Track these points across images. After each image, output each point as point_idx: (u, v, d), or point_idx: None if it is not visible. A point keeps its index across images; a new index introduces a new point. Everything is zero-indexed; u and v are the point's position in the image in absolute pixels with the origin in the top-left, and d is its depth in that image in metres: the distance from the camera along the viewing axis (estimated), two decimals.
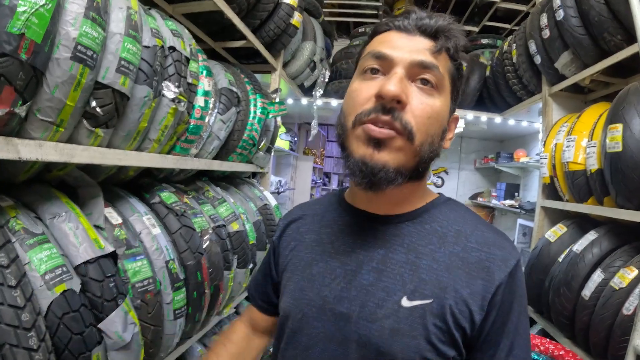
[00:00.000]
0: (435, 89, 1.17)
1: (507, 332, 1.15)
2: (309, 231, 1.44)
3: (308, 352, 1.25)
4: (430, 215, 1.29)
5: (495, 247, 1.20)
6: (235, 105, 2.77)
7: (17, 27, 1.16)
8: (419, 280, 1.16)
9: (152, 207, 2.14)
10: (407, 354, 1.11)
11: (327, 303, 1.24)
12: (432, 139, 1.17)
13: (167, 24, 2.07)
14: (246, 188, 3.58)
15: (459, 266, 1.17)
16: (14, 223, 1.40)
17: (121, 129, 1.76)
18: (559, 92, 4.03)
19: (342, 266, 1.26)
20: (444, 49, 1.19)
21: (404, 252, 1.22)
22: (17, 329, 1.22)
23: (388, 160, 1.12)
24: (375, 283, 1.19)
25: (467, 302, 1.12)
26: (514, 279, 1.16)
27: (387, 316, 1.14)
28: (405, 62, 1.15)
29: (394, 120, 1.10)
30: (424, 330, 1.11)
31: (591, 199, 3.13)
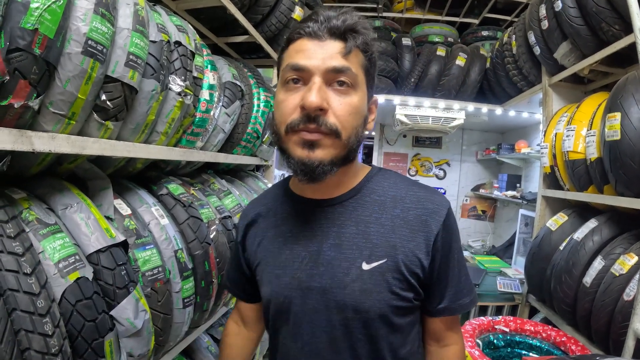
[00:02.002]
0: (352, 87, 1.33)
1: (452, 266, 1.46)
2: (269, 225, 1.61)
3: (299, 326, 1.47)
4: (367, 188, 1.51)
5: (427, 202, 1.45)
6: (239, 98, 2.79)
7: (30, 23, 1.19)
8: (372, 245, 1.40)
9: (160, 199, 2.18)
10: (377, 306, 1.36)
11: (302, 282, 1.44)
12: (356, 130, 1.35)
13: (171, 20, 2.10)
14: (250, 181, 3.60)
15: (402, 225, 1.41)
16: (28, 214, 1.43)
17: (130, 122, 1.80)
18: (559, 83, 4.05)
19: (306, 249, 1.47)
20: (353, 48, 1.32)
21: (353, 225, 1.44)
22: (33, 315, 1.25)
23: (322, 156, 1.31)
24: (337, 256, 1.41)
25: (415, 252, 1.38)
26: (447, 225, 1.43)
27: (354, 280, 1.37)
28: (321, 70, 1.29)
29: (320, 126, 1.28)
30: (386, 284, 1.37)
31: (591, 187, 3.15)
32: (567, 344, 3.02)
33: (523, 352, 3.25)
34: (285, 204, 1.60)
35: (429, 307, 1.48)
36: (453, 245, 1.45)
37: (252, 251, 1.63)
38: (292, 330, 1.48)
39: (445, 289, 1.45)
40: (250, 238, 1.65)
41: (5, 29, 1.17)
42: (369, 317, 1.37)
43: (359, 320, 1.38)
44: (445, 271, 1.43)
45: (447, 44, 6.62)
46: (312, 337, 1.44)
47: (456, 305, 1.48)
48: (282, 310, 1.49)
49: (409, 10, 7.54)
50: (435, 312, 1.49)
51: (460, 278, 1.48)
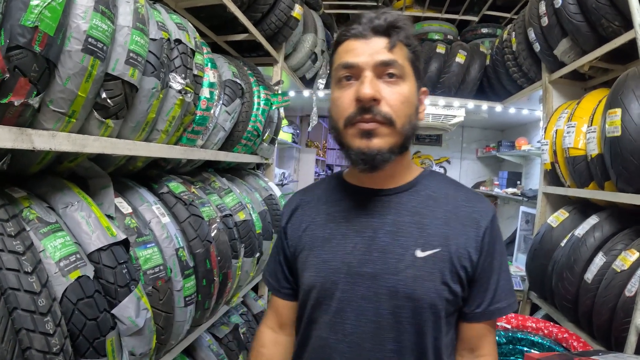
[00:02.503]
0: (401, 78, 1.40)
1: (494, 268, 1.48)
2: (319, 212, 1.63)
3: (341, 314, 1.46)
4: (422, 184, 1.55)
5: (477, 202, 1.53)
6: (239, 96, 2.79)
7: (30, 20, 1.19)
8: (427, 235, 1.43)
9: (161, 197, 2.17)
10: (428, 295, 1.38)
11: (352, 268, 1.45)
12: (409, 119, 1.41)
13: (171, 18, 2.10)
14: (251, 179, 3.60)
15: (454, 219, 1.47)
16: (28, 212, 1.43)
17: (130, 120, 1.79)
18: (559, 79, 4.05)
19: (360, 235, 1.48)
20: (397, 42, 1.40)
21: (409, 215, 1.47)
22: (34, 314, 1.24)
23: (380, 145, 1.37)
24: (391, 243, 1.44)
25: (465, 246, 1.43)
26: (494, 225, 1.49)
27: (408, 267, 1.40)
28: (370, 65, 1.38)
29: (375, 115, 1.35)
30: (438, 273, 1.39)
31: (592, 183, 3.15)
32: (569, 341, 3.02)
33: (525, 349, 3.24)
34: (339, 192, 1.63)
35: (466, 311, 1.49)
36: (497, 246, 1.48)
37: (296, 236, 1.65)
38: (332, 320, 1.48)
39: (486, 290, 1.46)
40: (295, 224, 1.68)
41: (5, 27, 1.16)
42: (419, 306, 1.39)
43: (408, 309, 1.39)
44: (487, 271, 1.46)
45: (447, 41, 6.64)
46: (356, 327, 1.44)
47: (494, 308, 1.47)
48: (326, 296, 1.49)
49: (409, 8, 7.55)
50: (472, 316, 1.49)
51: (500, 281, 1.48)
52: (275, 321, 1.80)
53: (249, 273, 2.93)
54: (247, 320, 3.60)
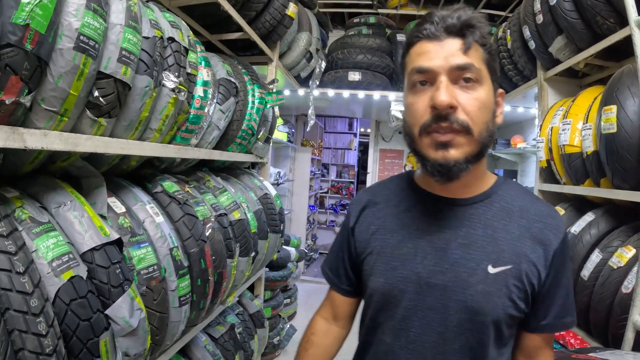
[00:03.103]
0: (477, 82, 1.33)
1: (562, 284, 1.44)
2: (388, 215, 1.60)
3: (407, 322, 1.46)
4: (497, 195, 1.50)
5: (550, 218, 1.46)
6: (233, 95, 2.79)
7: (21, 18, 1.18)
8: (499, 250, 1.40)
9: (155, 197, 2.16)
10: (495, 311, 1.36)
11: (421, 278, 1.43)
12: (486, 125, 1.35)
13: (165, 16, 2.09)
14: (246, 178, 3.60)
15: (526, 236, 1.42)
16: (20, 212, 1.42)
17: (123, 119, 1.79)
18: (554, 77, 4.05)
19: (431, 245, 1.45)
20: (473, 43, 1.32)
21: (482, 228, 1.44)
22: (26, 315, 1.24)
23: (457, 156, 1.32)
24: (464, 256, 1.41)
25: (536, 264, 1.39)
26: (565, 243, 1.45)
27: (478, 282, 1.38)
28: (445, 69, 1.31)
29: (452, 123, 1.29)
30: (507, 290, 1.37)
31: (588, 180, 3.14)
32: (565, 338, 3.02)
33: None
34: (411, 197, 1.59)
35: (530, 322, 1.47)
36: (566, 265, 1.46)
37: (364, 239, 1.62)
38: (397, 326, 1.48)
39: (551, 306, 1.44)
40: (363, 225, 1.65)
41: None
42: (485, 321, 1.38)
43: (472, 323, 1.39)
44: (555, 288, 1.43)
45: None
46: (420, 336, 1.44)
47: (559, 322, 1.46)
48: (392, 303, 1.49)
49: (404, 6, 7.55)
50: (536, 328, 1.48)
51: (568, 297, 1.47)
52: (330, 313, 1.85)
53: (245, 273, 2.92)
54: (243, 320, 3.60)
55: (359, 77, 6.17)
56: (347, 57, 6.24)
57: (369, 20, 7.27)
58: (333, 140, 13.89)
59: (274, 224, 3.52)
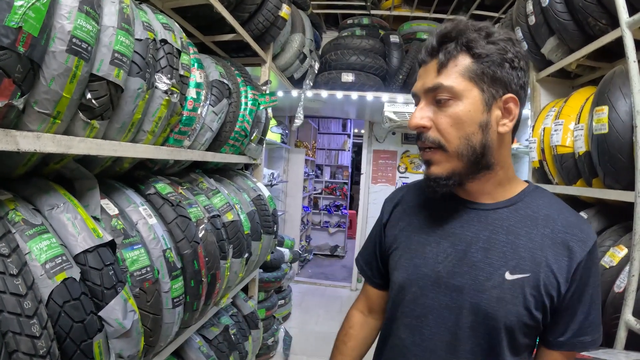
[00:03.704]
0: (452, 99, 1.37)
1: (585, 301, 1.41)
2: (416, 214, 1.67)
3: (422, 319, 1.51)
4: (523, 202, 1.50)
5: (577, 230, 1.42)
6: (226, 97, 2.79)
7: (14, 21, 1.18)
8: (519, 258, 1.41)
9: (148, 198, 2.16)
10: (509, 318, 1.37)
11: (440, 278, 1.48)
12: (467, 139, 1.38)
13: (157, 18, 2.09)
14: (239, 179, 3.60)
15: (549, 245, 1.40)
16: (14, 215, 1.42)
17: (116, 121, 1.78)
18: (546, 78, 4.06)
19: (453, 246, 1.50)
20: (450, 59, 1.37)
21: (504, 233, 1.45)
22: (20, 317, 1.24)
23: (438, 172, 1.43)
24: (483, 260, 1.44)
25: (556, 275, 1.37)
26: (591, 257, 1.40)
27: (494, 287, 1.40)
28: (422, 92, 1.43)
29: (424, 141, 1.42)
30: (523, 298, 1.37)
31: (580, 181, 3.16)
32: None
33: None
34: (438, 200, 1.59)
35: (549, 337, 1.46)
36: (591, 280, 1.42)
37: (393, 234, 1.70)
38: (413, 322, 1.53)
39: (571, 321, 1.42)
40: (394, 220, 1.73)
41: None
42: (497, 327, 1.39)
43: (485, 327, 1.41)
44: (576, 303, 1.41)
45: None
46: (434, 334, 1.48)
47: (576, 341, 1.44)
48: (411, 299, 1.54)
49: (397, 7, 7.56)
50: (553, 344, 1.46)
51: (590, 315, 1.43)
52: (365, 306, 1.94)
53: (238, 274, 2.92)
54: (237, 321, 3.60)
55: (353, 78, 6.18)
56: (340, 58, 6.24)
57: (362, 22, 7.27)
58: (327, 141, 13.89)
59: (268, 225, 3.52)
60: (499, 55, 1.36)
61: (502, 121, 1.42)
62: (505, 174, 1.50)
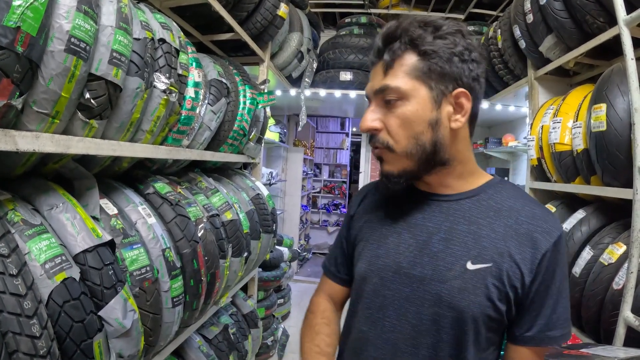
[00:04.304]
0: (400, 99, 1.38)
1: (551, 293, 1.38)
2: (380, 207, 1.66)
3: (384, 311, 1.49)
4: (486, 194, 1.50)
5: (541, 221, 1.41)
6: (225, 96, 2.78)
7: (13, 21, 1.18)
8: (481, 247, 1.39)
9: (147, 198, 2.16)
10: (471, 309, 1.35)
11: (402, 268, 1.47)
12: (415, 139, 1.39)
13: (155, 17, 2.09)
14: (238, 179, 3.60)
15: (512, 236, 1.39)
16: (13, 215, 1.42)
17: (114, 120, 1.78)
18: (545, 76, 4.07)
19: (414, 237, 1.49)
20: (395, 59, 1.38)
21: (466, 224, 1.44)
22: (20, 317, 1.24)
23: (389, 169, 1.45)
24: (444, 250, 1.43)
25: (519, 266, 1.36)
26: (557, 248, 1.38)
27: (456, 277, 1.38)
28: (371, 95, 1.45)
29: (376, 143, 1.44)
30: (485, 289, 1.36)
31: (578, 178, 3.16)
32: None
33: None
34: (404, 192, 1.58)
35: (516, 332, 1.42)
36: (557, 271, 1.39)
37: (359, 226, 1.70)
38: (374, 314, 1.51)
39: (538, 315, 1.38)
40: (360, 213, 1.74)
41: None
42: (459, 318, 1.37)
43: (448, 319, 1.38)
44: (542, 296, 1.38)
45: None
46: (395, 327, 1.46)
47: (544, 336, 1.39)
48: (372, 291, 1.52)
49: (395, 6, 7.55)
50: (520, 339, 1.42)
51: (557, 308, 1.39)
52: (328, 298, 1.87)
53: (237, 273, 2.92)
54: (237, 321, 3.60)
55: (351, 77, 6.18)
56: (338, 57, 6.25)
57: (360, 20, 7.27)
58: (325, 140, 13.88)
59: (267, 224, 3.52)
60: (447, 49, 1.35)
61: (454, 117, 1.40)
62: (464, 168, 1.51)
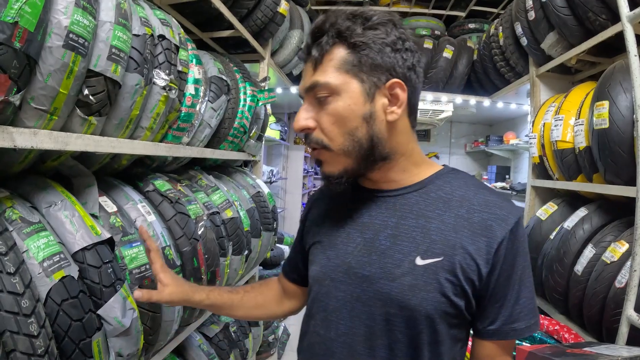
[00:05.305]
0: (331, 95, 1.32)
1: (513, 283, 1.32)
2: (331, 208, 1.63)
3: (337, 313, 1.44)
4: (434, 185, 1.43)
5: (496, 208, 1.35)
6: (225, 93, 2.77)
7: (10, 16, 1.17)
8: (430, 241, 1.33)
9: (146, 195, 2.16)
10: (424, 306, 1.29)
11: (351, 268, 1.42)
12: (351, 135, 1.34)
13: (155, 13, 2.08)
14: (238, 176, 3.59)
15: (465, 226, 1.33)
16: (11, 212, 1.41)
17: (114, 117, 1.77)
18: (546, 73, 4.06)
19: (362, 235, 1.44)
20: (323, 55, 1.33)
21: (414, 218, 1.38)
22: (17, 316, 1.23)
23: (329, 170, 1.41)
24: (391, 247, 1.37)
25: (474, 257, 1.29)
26: (515, 235, 1.32)
27: (405, 274, 1.32)
28: (303, 93, 1.40)
29: (311, 142, 1.39)
30: (437, 284, 1.29)
31: (580, 176, 3.16)
32: (560, 333, 3.02)
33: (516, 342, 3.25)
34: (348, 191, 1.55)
35: (479, 326, 1.37)
36: (517, 260, 1.33)
37: (311, 230, 1.66)
38: (329, 317, 1.46)
39: (501, 307, 1.33)
40: (312, 216, 1.70)
41: None
42: (413, 317, 1.31)
43: (402, 318, 1.33)
44: (503, 287, 1.32)
45: (434, 37, 6.64)
46: (350, 329, 1.41)
47: (508, 328, 1.34)
48: (325, 293, 1.49)
49: (396, 3, 7.54)
50: (484, 333, 1.37)
51: (519, 299, 1.33)
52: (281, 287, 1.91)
53: (238, 271, 2.92)
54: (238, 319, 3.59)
55: None
56: None
57: None
58: None
59: (267, 222, 3.51)
60: (378, 40, 1.30)
61: (389, 109, 1.35)
62: (408, 161, 1.45)
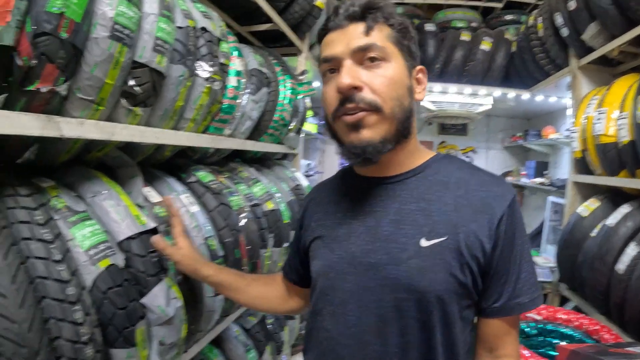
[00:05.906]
0: (384, 60, 1.34)
1: (514, 258, 1.36)
2: (329, 202, 1.62)
3: (344, 306, 1.42)
4: (431, 169, 1.46)
5: (493, 186, 1.40)
6: (265, 85, 2.78)
7: (56, 7, 1.18)
8: (433, 222, 1.35)
9: (190, 186, 2.17)
10: (434, 287, 1.30)
11: (355, 258, 1.41)
12: (399, 101, 1.34)
13: (196, 6, 2.09)
14: (278, 169, 3.60)
15: (465, 205, 1.36)
16: (56, 202, 1.43)
17: (158, 108, 1.79)
18: (587, 65, 4.00)
19: (363, 224, 1.44)
20: (375, 24, 1.35)
21: (415, 201, 1.40)
22: (63, 303, 1.25)
23: (370, 136, 1.32)
24: (395, 232, 1.37)
25: (477, 233, 1.32)
26: (512, 210, 1.37)
27: (411, 257, 1.33)
28: (347, 53, 1.34)
29: (359, 103, 1.30)
30: (444, 264, 1.31)
31: (623, 171, 3.11)
32: (599, 333, 2.98)
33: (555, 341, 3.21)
34: (348, 183, 1.60)
35: (483, 306, 1.39)
36: (516, 234, 1.37)
37: (309, 226, 1.64)
38: (336, 310, 1.44)
39: (505, 283, 1.35)
40: (309, 213, 1.68)
41: (32, 13, 1.16)
42: (423, 299, 1.31)
43: (412, 302, 1.32)
44: (505, 262, 1.35)
45: (471, 29, 6.58)
46: (359, 319, 1.39)
47: (513, 304, 1.36)
48: (331, 286, 1.47)
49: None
50: (490, 312, 1.39)
51: (521, 273, 1.37)
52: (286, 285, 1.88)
53: (277, 263, 2.92)
54: None
55: None
56: None
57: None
58: None
59: None
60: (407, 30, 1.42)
61: (418, 88, 1.46)
62: (414, 144, 1.49)
